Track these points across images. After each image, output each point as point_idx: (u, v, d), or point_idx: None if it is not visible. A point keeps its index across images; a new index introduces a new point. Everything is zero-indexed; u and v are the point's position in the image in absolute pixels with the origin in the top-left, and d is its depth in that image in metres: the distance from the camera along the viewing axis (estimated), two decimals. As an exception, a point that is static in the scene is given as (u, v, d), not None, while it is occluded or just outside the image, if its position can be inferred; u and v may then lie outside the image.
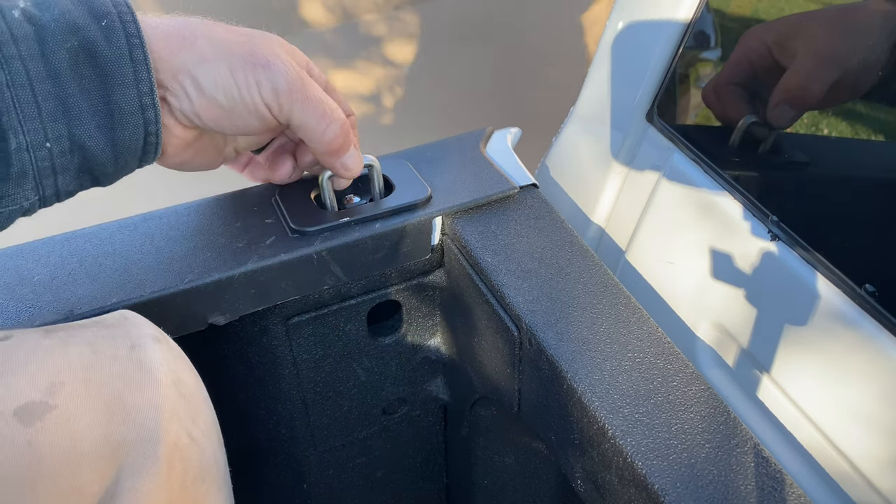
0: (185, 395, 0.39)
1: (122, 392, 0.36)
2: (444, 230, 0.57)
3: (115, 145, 0.41)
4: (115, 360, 0.37)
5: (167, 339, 0.41)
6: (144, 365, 0.37)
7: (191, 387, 0.40)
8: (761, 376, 0.56)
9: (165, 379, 0.38)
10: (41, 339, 0.36)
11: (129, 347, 0.38)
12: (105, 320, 0.40)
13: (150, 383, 0.37)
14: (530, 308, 0.49)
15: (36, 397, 0.34)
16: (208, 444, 0.40)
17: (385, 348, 0.63)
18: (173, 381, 0.38)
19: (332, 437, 0.67)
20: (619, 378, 0.44)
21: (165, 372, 0.38)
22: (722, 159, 0.60)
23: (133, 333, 0.39)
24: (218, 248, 0.51)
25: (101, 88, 0.39)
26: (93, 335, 0.38)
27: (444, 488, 0.82)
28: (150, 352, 0.38)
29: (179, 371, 0.39)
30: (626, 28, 0.70)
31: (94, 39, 0.39)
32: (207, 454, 0.39)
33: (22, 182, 0.38)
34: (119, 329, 0.39)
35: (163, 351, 0.39)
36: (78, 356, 0.36)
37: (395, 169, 0.58)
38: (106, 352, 0.37)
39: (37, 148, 0.38)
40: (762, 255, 0.55)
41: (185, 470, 0.37)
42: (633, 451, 0.40)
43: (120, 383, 0.36)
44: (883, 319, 0.47)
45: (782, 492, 0.38)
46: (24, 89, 0.36)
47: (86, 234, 0.52)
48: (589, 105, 0.75)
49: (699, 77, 0.67)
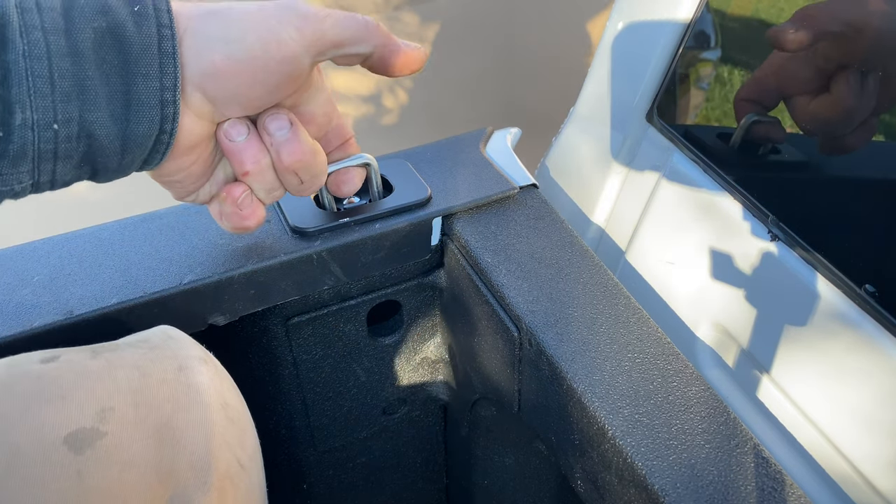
0: (233, 419, 0.38)
1: (172, 417, 0.35)
2: (444, 230, 0.57)
3: (125, 139, 0.38)
4: (164, 383, 0.36)
5: (213, 360, 0.40)
6: (192, 388, 0.36)
7: (238, 410, 0.39)
8: (761, 377, 0.56)
9: (214, 402, 0.37)
10: (88, 361, 0.35)
11: (176, 370, 0.37)
12: (150, 340, 0.39)
13: (198, 407, 0.36)
14: (530, 308, 0.49)
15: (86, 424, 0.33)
16: (255, 468, 0.39)
17: (385, 348, 0.63)
18: (221, 404, 0.37)
19: (332, 438, 0.67)
20: (619, 378, 0.44)
21: (214, 395, 0.37)
22: (722, 159, 0.60)
23: (180, 354, 0.38)
24: (218, 248, 0.51)
25: (122, 76, 0.37)
26: (139, 357, 0.37)
27: (444, 488, 0.82)
28: (198, 374, 0.37)
29: (226, 393, 0.39)
30: (626, 28, 0.70)
31: (124, 23, 0.36)
32: (254, 480, 0.38)
33: (19, 162, 0.35)
34: (165, 350, 0.38)
35: (210, 373, 0.38)
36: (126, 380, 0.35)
37: (395, 169, 0.58)
38: (154, 375, 0.36)
39: (43, 128, 0.35)
40: (762, 256, 0.55)
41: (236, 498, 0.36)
42: (633, 452, 0.40)
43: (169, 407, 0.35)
44: (883, 320, 0.47)
45: (782, 492, 0.38)
46: (41, 62, 0.34)
47: (86, 234, 0.52)
48: (589, 105, 0.75)
49: (699, 77, 0.67)
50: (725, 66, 0.65)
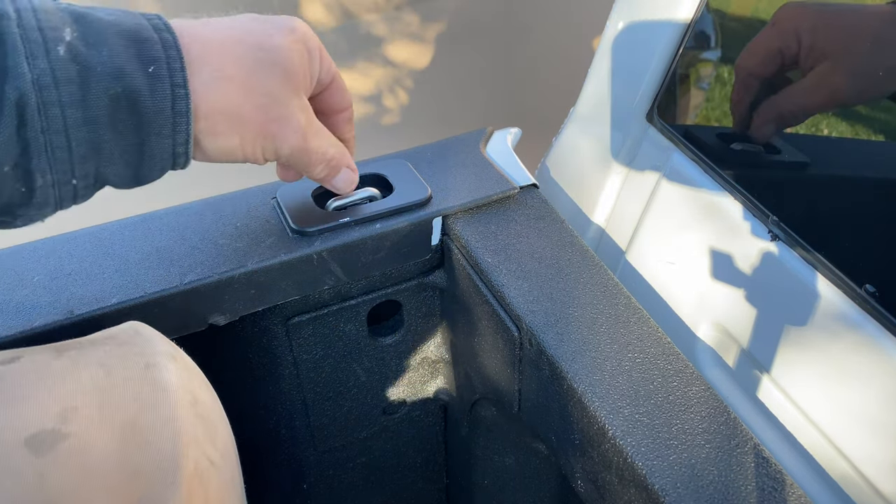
0: (203, 415, 0.37)
1: (137, 416, 0.34)
2: (444, 230, 0.57)
3: (138, 179, 0.41)
4: (129, 381, 0.35)
5: (182, 356, 0.40)
6: (159, 385, 0.36)
7: (208, 405, 0.39)
8: (761, 376, 0.56)
9: (182, 400, 0.36)
10: (51, 361, 0.35)
11: (143, 367, 0.36)
12: (117, 336, 0.39)
13: (166, 405, 0.35)
14: (530, 308, 0.49)
15: (48, 425, 0.32)
16: (227, 465, 0.38)
17: (385, 348, 0.63)
18: (190, 401, 0.37)
19: (332, 438, 0.67)
20: (619, 378, 0.44)
21: (182, 392, 0.37)
22: (722, 159, 0.60)
23: (147, 351, 0.38)
24: (218, 248, 0.51)
25: (136, 135, 0.38)
26: (105, 354, 0.37)
27: (444, 488, 0.82)
28: (165, 371, 0.37)
29: (196, 390, 0.38)
30: (626, 28, 0.70)
31: (139, 89, 0.37)
32: (226, 476, 0.38)
33: (43, 208, 0.38)
34: (132, 346, 0.38)
35: (178, 369, 0.38)
36: (90, 379, 0.35)
37: (395, 169, 0.58)
38: (119, 373, 0.36)
39: (63, 184, 0.37)
40: (762, 256, 0.55)
41: (206, 496, 0.36)
42: (633, 452, 0.40)
43: (135, 406, 0.35)
44: (883, 320, 0.47)
45: (783, 492, 0.38)
46: (59, 135, 0.35)
47: (86, 234, 0.52)
48: (589, 105, 0.75)
49: (699, 77, 0.67)
50: (725, 66, 0.65)
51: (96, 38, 0.36)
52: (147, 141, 0.39)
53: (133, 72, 0.37)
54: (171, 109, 0.38)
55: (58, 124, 0.35)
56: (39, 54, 0.34)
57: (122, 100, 0.37)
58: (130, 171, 0.40)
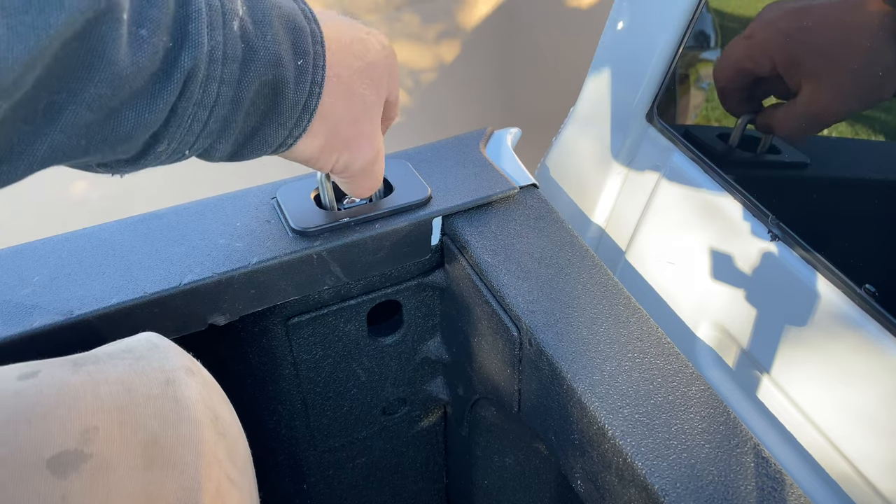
0: (223, 432, 0.37)
1: (160, 435, 0.34)
2: (444, 230, 0.57)
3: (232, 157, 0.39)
4: (150, 398, 0.35)
5: (199, 368, 0.39)
6: (181, 403, 0.35)
7: (227, 421, 0.38)
8: (761, 376, 0.56)
9: (203, 417, 0.36)
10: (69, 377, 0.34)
11: (163, 383, 0.36)
12: (134, 349, 0.38)
13: (187, 423, 0.35)
14: (530, 308, 0.49)
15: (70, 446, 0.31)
16: (245, 483, 0.38)
17: (385, 348, 0.63)
18: (211, 418, 0.36)
19: (332, 438, 0.67)
20: (619, 378, 0.44)
21: (203, 409, 0.36)
22: (722, 159, 0.60)
23: (166, 366, 0.37)
24: (218, 248, 0.51)
25: (260, 120, 0.37)
26: (124, 370, 0.36)
27: (444, 488, 0.82)
28: (185, 388, 0.36)
29: (216, 405, 0.38)
30: (626, 28, 0.70)
31: (286, 80, 0.36)
32: (245, 494, 0.38)
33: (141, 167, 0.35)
34: (150, 361, 0.37)
35: (197, 384, 0.37)
36: (110, 396, 0.34)
37: (395, 169, 0.58)
38: (139, 390, 0.35)
39: (175, 154, 0.35)
40: (762, 256, 0.55)
41: None
42: (633, 452, 0.40)
43: (156, 424, 0.34)
44: (883, 320, 0.47)
45: (782, 492, 0.38)
46: (205, 110, 0.33)
47: (86, 234, 0.52)
48: (589, 105, 0.75)
49: (699, 77, 0.67)
50: (725, 66, 0.64)
51: (262, 17, 0.35)
52: (266, 127, 0.37)
53: (287, 63, 0.36)
54: (303, 105, 0.38)
55: (210, 100, 0.33)
56: (218, 26, 0.32)
57: (269, 87, 0.36)
58: (234, 149, 0.38)
